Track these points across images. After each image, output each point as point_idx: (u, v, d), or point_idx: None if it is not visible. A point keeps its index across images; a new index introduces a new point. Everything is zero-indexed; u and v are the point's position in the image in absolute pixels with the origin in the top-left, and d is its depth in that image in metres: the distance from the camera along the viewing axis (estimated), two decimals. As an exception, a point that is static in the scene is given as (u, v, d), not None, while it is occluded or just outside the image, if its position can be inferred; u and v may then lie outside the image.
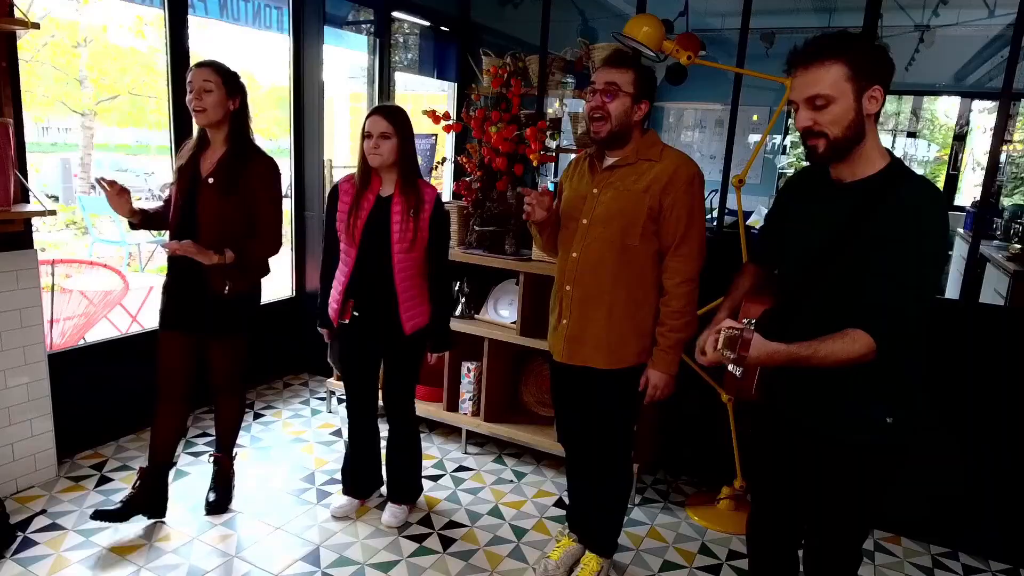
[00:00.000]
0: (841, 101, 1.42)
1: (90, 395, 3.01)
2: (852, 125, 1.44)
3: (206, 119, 2.32)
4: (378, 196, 2.40)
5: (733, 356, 1.40)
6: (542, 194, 2.06)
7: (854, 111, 1.43)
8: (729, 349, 1.40)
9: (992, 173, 2.99)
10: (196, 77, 2.29)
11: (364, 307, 2.42)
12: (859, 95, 1.43)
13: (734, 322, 1.46)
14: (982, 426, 2.56)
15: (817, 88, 1.42)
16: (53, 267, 3.88)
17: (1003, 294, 3.96)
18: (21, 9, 2.39)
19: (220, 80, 2.30)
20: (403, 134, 2.34)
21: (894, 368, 1.51)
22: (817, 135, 1.46)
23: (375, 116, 2.33)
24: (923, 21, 5.70)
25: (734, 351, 1.39)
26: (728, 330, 1.41)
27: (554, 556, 2.42)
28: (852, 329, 1.43)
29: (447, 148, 4.66)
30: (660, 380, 2.10)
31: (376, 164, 2.35)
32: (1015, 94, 5.65)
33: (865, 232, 1.45)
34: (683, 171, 2.01)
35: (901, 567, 2.60)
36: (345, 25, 4.38)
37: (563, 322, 2.17)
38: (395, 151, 2.33)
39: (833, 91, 1.42)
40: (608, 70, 2.01)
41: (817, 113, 1.44)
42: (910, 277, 1.41)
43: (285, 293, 4.10)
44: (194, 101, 2.29)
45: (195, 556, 2.39)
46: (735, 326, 1.42)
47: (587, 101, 2.05)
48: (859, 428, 1.55)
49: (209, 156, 2.38)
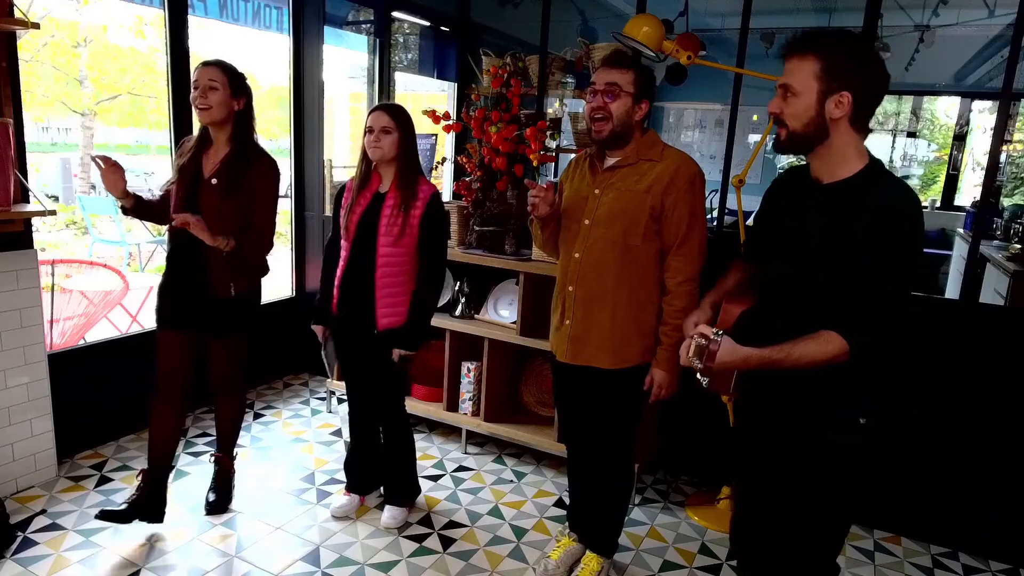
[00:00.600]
0: (803, 98, 1.45)
1: (90, 395, 3.01)
2: (811, 123, 1.46)
3: (209, 117, 2.31)
4: (376, 192, 2.43)
5: (700, 366, 1.42)
6: (546, 189, 2.06)
7: (814, 110, 1.45)
8: (697, 358, 1.42)
9: (992, 173, 2.99)
10: (202, 75, 2.28)
11: (349, 300, 2.45)
12: (823, 96, 1.44)
13: (707, 329, 1.47)
14: (982, 426, 2.56)
15: (788, 78, 1.46)
16: (53, 267, 3.88)
17: (1003, 294, 3.96)
18: (21, 9, 2.39)
19: (226, 79, 2.29)
20: (404, 130, 2.38)
21: (875, 369, 1.52)
22: (782, 124, 1.50)
23: (377, 112, 2.37)
24: (923, 21, 5.70)
25: (701, 360, 1.41)
26: (699, 338, 1.43)
27: (554, 556, 2.42)
28: (826, 331, 1.43)
29: (447, 148, 4.67)
30: (664, 379, 2.11)
31: (376, 157, 2.37)
32: (1015, 94, 5.65)
33: (844, 233, 1.45)
34: (684, 171, 2.02)
35: (901, 567, 2.60)
36: (345, 25, 4.38)
37: (566, 322, 2.18)
38: (396, 145, 2.36)
39: (799, 85, 1.44)
40: (608, 70, 2.01)
41: (784, 102, 1.48)
42: (889, 277, 1.41)
43: (285, 293, 4.10)
44: (199, 99, 2.27)
45: (195, 556, 2.39)
46: (706, 334, 1.43)
47: (588, 102, 2.05)
48: (837, 428, 1.55)
49: (212, 156, 2.37)
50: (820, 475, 1.59)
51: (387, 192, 2.41)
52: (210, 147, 2.38)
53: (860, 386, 1.53)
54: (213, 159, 2.36)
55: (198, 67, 2.32)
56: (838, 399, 1.54)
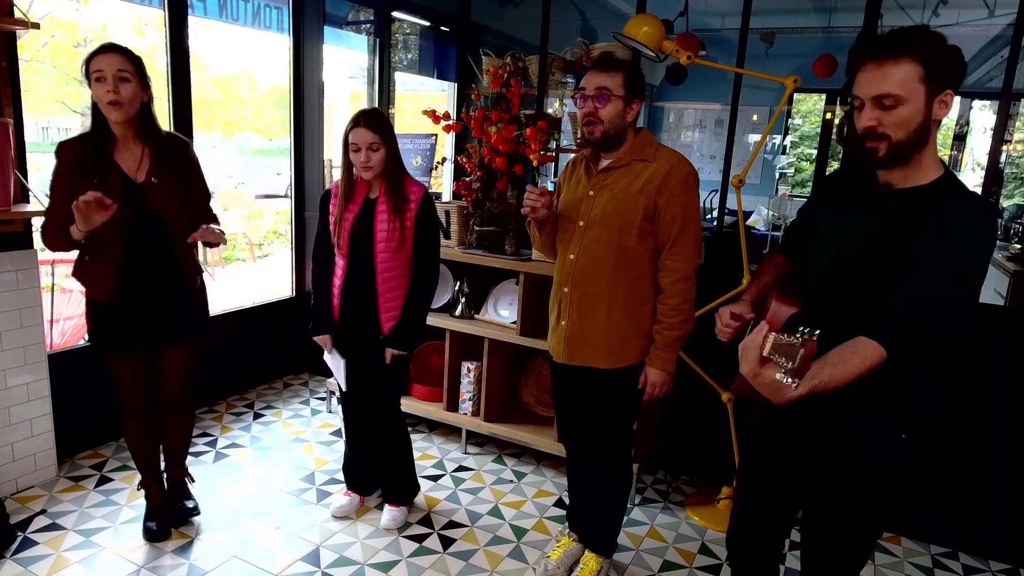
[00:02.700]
0: (911, 103, 1.32)
1: (90, 395, 3.01)
2: (918, 129, 1.34)
3: (124, 114, 2.06)
4: (365, 198, 2.40)
5: (793, 366, 1.21)
6: (542, 193, 2.07)
7: (923, 115, 1.33)
8: (785, 357, 1.22)
9: (992, 173, 2.99)
10: (107, 64, 2.01)
11: (351, 309, 2.43)
12: (930, 98, 1.33)
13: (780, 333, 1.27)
14: (982, 426, 2.56)
15: (887, 86, 1.32)
16: (53, 267, 3.88)
17: (1003, 294, 3.97)
18: (21, 9, 2.39)
19: (134, 69, 2.06)
20: (389, 142, 2.33)
21: (918, 384, 1.46)
22: (879, 137, 1.35)
23: (361, 129, 2.27)
24: (923, 21, 5.70)
25: (794, 361, 1.21)
26: (783, 337, 1.24)
27: (554, 556, 2.42)
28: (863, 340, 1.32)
29: (447, 148, 4.66)
30: (658, 378, 2.11)
31: (369, 177, 2.34)
32: (1015, 94, 5.66)
33: (907, 242, 1.35)
34: (677, 170, 2.02)
35: (901, 567, 2.60)
36: (345, 25, 4.38)
37: (562, 323, 2.18)
38: (384, 161, 2.32)
39: (904, 91, 1.31)
40: (597, 74, 2.00)
41: (883, 113, 1.33)
42: (945, 297, 1.32)
43: (285, 293, 4.10)
44: (111, 93, 2.01)
45: (195, 556, 2.39)
46: (788, 337, 1.24)
47: (579, 107, 2.05)
48: (878, 444, 1.49)
49: (127, 156, 2.15)
50: (857, 492, 1.54)
51: (377, 198, 2.37)
52: (115, 147, 2.14)
53: (903, 402, 1.47)
54: (133, 158, 2.15)
55: (95, 55, 2.03)
56: (881, 415, 1.48)
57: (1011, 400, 2.51)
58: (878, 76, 1.33)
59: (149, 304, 2.25)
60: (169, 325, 2.31)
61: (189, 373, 2.44)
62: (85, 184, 2.02)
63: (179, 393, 2.44)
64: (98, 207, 1.95)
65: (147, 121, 2.16)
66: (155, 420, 2.46)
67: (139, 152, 2.17)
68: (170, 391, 2.42)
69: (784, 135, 7.66)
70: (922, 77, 1.31)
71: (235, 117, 9.62)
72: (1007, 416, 2.53)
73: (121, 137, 2.14)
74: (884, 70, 1.32)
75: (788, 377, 1.21)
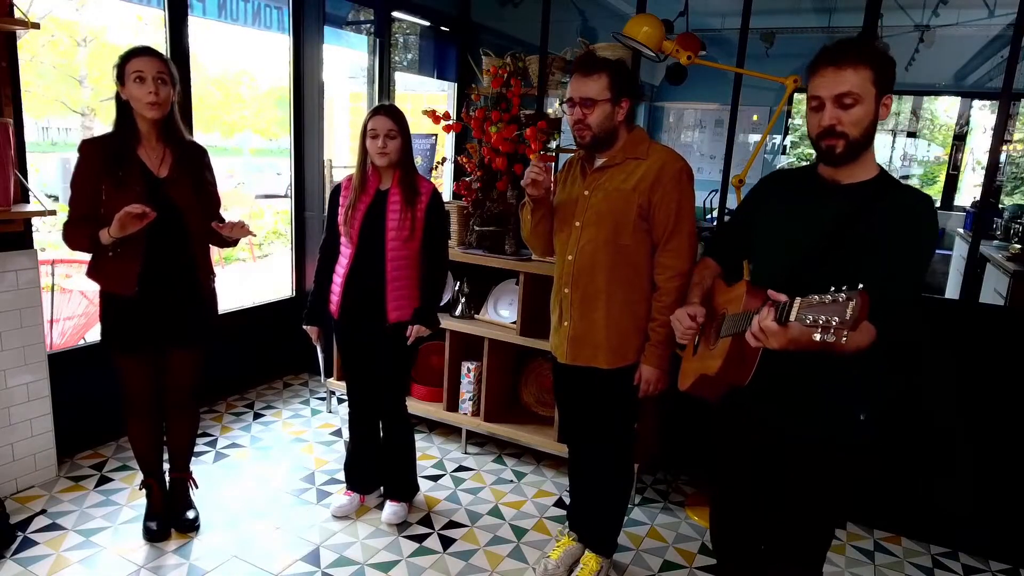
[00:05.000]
0: (866, 103, 1.47)
1: (90, 395, 3.01)
2: (868, 128, 1.49)
3: (160, 113, 2.15)
4: (377, 190, 2.45)
5: (845, 321, 1.16)
6: (545, 170, 2.06)
7: (872, 115, 1.48)
8: (833, 316, 1.17)
9: (992, 173, 2.99)
10: (148, 66, 2.09)
11: (356, 298, 2.45)
12: (878, 101, 1.49)
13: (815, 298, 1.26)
14: (982, 426, 2.56)
15: (848, 86, 1.46)
16: (53, 267, 3.88)
17: (1003, 294, 3.97)
18: (21, 9, 2.39)
19: (169, 72, 2.15)
20: (405, 133, 2.42)
21: (876, 365, 1.54)
22: (838, 135, 1.49)
23: (381, 116, 2.36)
24: (923, 21, 5.70)
25: (844, 317, 1.16)
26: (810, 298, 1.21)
27: (554, 556, 2.42)
28: None
29: (447, 148, 4.66)
30: (652, 375, 2.11)
31: (384, 164, 2.39)
32: (1015, 94, 5.65)
33: (860, 232, 1.48)
34: (670, 167, 2.02)
35: (901, 567, 2.60)
36: (345, 25, 4.38)
37: (564, 324, 2.19)
38: (400, 149, 2.39)
39: (862, 91, 1.46)
40: (581, 80, 2.00)
41: (843, 112, 1.47)
42: (908, 275, 1.45)
43: (285, 293, 4.10)
44: (152, 95, 2.10)
45: (195, 556, 2.39)
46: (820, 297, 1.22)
47: (568, 113, 2.05)
48: (837, 427, 1.57)
49: (150, 153, 2.21)
50: (816, 477, 1.61)
51: (389, 189, 2.43)
52: (140, 144, 2.20)
53: (859, 383, 1.56)
54: (156, 156, 2.22)
55: (135, 56, 2.11)
56: (840, 395, 1.56)
57: (1011, 400, 2.51)
58: (839, 78, 1.47)
59: (166, 303, 2.28)
60: (184, 326, 2.34)
61: (197, 374, 2.47)
62: (108, 177, 2.12)
63: (186, 393, 2.46)
64: (137, 219, 2.03)
65: (172, 123, 2.24)
66: (159, 419, 2.47)
67: (161, 151, 2.24)
68: (177, 391, 2.44)
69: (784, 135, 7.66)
70: (873, 81, 1.47)
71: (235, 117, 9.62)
72: (1007, 416, 2.53)
73: (145, 135, 2.21)
74: (844, 74, 1.46)
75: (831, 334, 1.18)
